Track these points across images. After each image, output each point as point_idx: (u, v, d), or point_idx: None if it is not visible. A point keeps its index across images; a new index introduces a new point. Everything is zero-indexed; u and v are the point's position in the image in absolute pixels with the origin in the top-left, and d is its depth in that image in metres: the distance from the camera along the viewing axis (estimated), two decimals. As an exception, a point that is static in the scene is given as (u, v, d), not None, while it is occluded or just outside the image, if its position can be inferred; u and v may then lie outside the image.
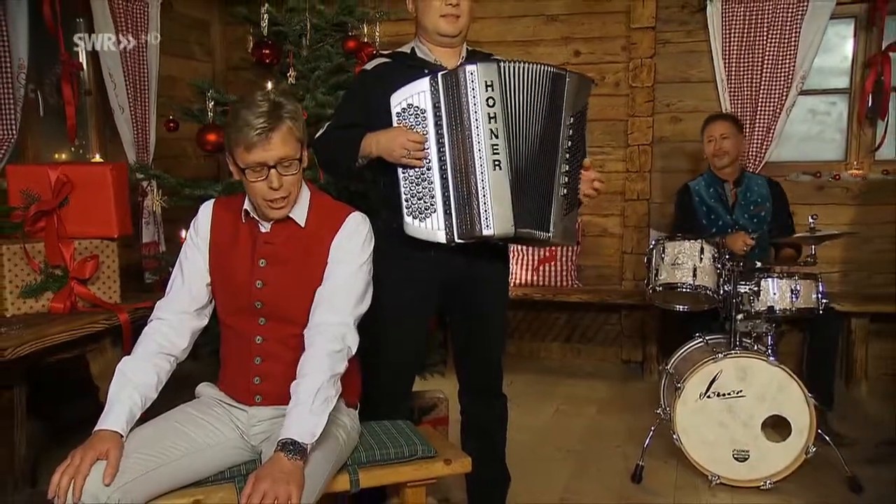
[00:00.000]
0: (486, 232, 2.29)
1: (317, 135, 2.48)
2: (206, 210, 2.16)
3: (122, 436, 1.87)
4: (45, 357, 2.75)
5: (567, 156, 2.37)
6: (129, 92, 4.10)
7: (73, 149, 3.99)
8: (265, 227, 2.09)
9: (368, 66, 2.50)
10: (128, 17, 4.07)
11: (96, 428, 1.88)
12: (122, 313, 2.88)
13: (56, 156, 3.95)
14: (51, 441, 3.54)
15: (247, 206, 2.10)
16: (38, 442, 3.40)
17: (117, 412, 1.91)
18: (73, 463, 1.79)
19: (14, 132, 3.45)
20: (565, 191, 2.37)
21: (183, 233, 2.26)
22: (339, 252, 2.07)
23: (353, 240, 2.08)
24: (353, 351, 2.05)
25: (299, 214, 2.09)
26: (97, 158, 4.00)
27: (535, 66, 2.33)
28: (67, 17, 3.78)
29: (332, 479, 2.02)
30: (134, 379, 1.98)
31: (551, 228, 2.36)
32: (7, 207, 2.91)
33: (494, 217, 2.29)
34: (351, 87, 2.61)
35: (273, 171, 1.98)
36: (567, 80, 2.34)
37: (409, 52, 2.50)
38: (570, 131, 2.36)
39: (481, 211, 2.29)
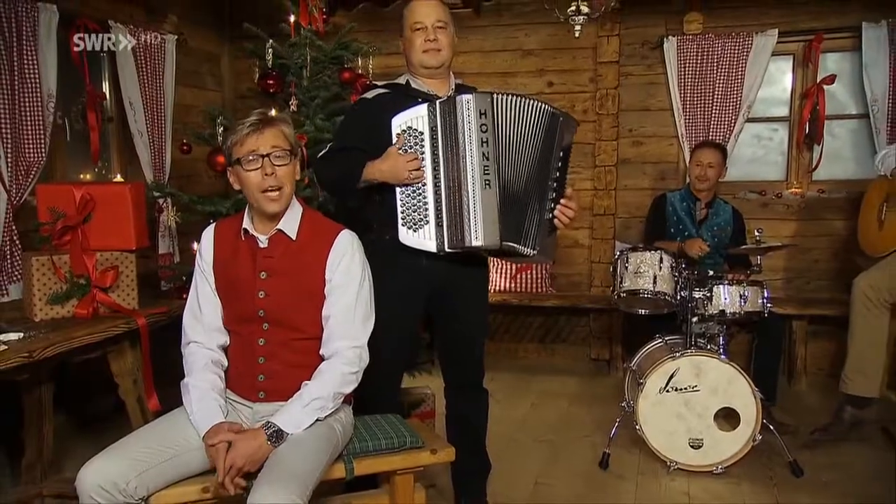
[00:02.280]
0: (474, 243, 2.31)
1: (319, 154, 2.49)
2: (207, 235, 2.16)
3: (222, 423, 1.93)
4: (71, 357, 2.72)
5: (555, 185, 2.39)
6: (147, 118, 4.07)
7: (96, 170, 3.96)
8: (263, 243, 2.08)
9: (369, 96, 2.50)
10: (146, 52, 4.05)
11: (202, 435, 1.91)
12: (140, 318, 2.85)
13: (81, 176, 3.92)
14: (75, 433, 3.51)
15: (245, 224, 2.09)
16: (64, 433, 3.38)
17: (210, 410, 1.96)
18: (218, 458, 1.84)
19: (43, 155, 3.42)
20: (550, 215, 2.40)
21: (195, 244, 2.25)
22: (337, 275, 2.06)
23: (347, 261, 2.08)
24: (366, 364, 2.09)
25: (291, 228, 2.08)
26: (118, 178, 3.97)
27: (530, 102, 2.34)
28: (92, 53, 3.76)
29: (330, 467, 2.01)
30: (205, 386, 2.01)
31: (536, 246, 2.39)
32: (37, 223, 2.90)
33: (483, 230, 2.30)
34: (351, 112, 2.61)
35: (266, 159, 1.98)
36: (560, 119, 2.36)
37: (404, 83, 2.51)
38: (559, 164, 2.39)
39: (471, 224, 2.30)
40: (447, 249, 2.33)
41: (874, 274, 3.25)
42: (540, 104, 2.35)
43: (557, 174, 2.38)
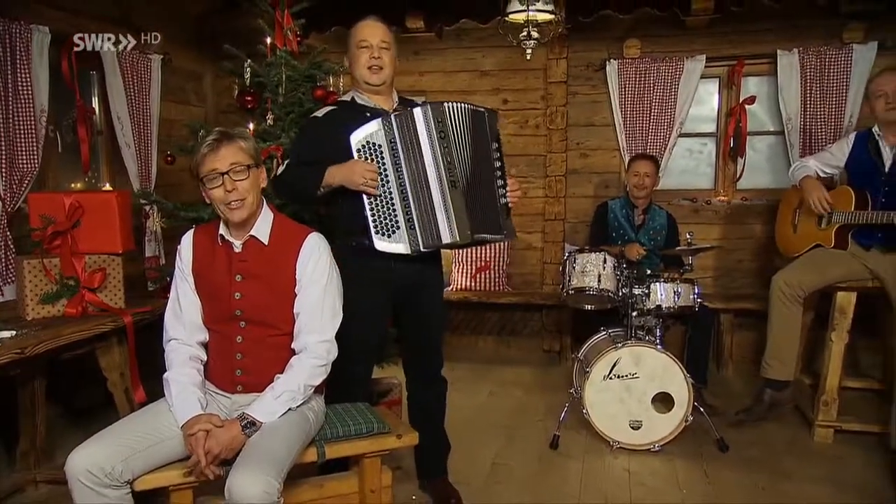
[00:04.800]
0: (449, 240, 2.32)
1: (278, 172, 2.43)
2: (186, 240, 2.13)
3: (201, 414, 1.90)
4: (61, 353, 2.67)
5: (499, 173, 2.40)
6: (134, 132, 3.99)
7: (86, 179, 3.86)
8: (237, 248, 2.06)
9: (319, 114, 2.47)
10: (134, 71, 3.97)
11: (181, 425, 1.89)
12: (127, 316, 2.80)
13: (72, 185, 3.81)
14: (67, 423, 3.43)
15: (221, 230, 2.07)
16: (57, 424, 3.30)
17: (189, 403, 1.92)
18: (197, 445, 1.83)
19: (36, 166, 3.33)
20: (504, 200, 2.42)
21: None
22: (307, 274, 2.05)
23: (315, 260, 2.06)
24: (334, 357, 2.07)
25: (263, 233, 2.06)
26: (107, 187, 3.89)
27: (467, 106, 2.35)
28: (82, 71, 3.67)
29: (303, 452, 2.00)
30: (184, 380, 1.98)
31: (503, 231, 2.42)
32: (29, 228, 2.83)
33: (456, 227, 2.31)
34: (304, 131, 2.54)
35: (226, 176, 1.95)
36: (486, 114, 2.39)
37: (349, 100, 2.48)
38: (497, 154, 2.40)
39: (443, 223, 2.31)
40: (422, 249, 2.33)
41: (788, 272, 3.32)
42: (472, 106, 2.36)
43: (499, 163, 2.41)
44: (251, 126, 3.02)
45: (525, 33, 3.57)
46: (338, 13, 4.04)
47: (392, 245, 2.33)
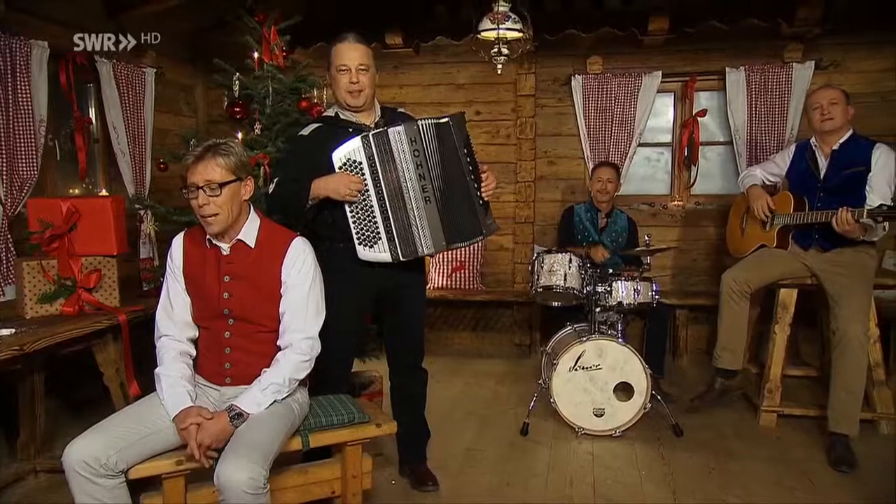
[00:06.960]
0: (426, 252, 2.32)
1: (269, 190, 2.41)
2: (177, 242, 2.11)
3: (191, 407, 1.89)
4: (59, 350, 2.64)
5: (472, 176, 2.37)
6: (129, 141, 3.93)
7: (84, 185, 3.80)
8: (225, 251, 2.04)
9: (305, 132, 2.44)
10: (129, 84, 3.92)
11: (172, 417, 1.88)
12: (121, 315, 2.76)
13: (70, 191, 3.76)
14: (66, 416, 3.38)
15: (209, 234, 2.05)
16: (56, 416, 3.26)
17: (179, 397, 1.90)
18: (189, 438, 1.82)
19: (35, 173, 3.27)
20: (481, 200, 2.40)
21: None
22: (292, 276, 2.04)
23: (300, 263, 2.06)
24: (317, 353, 2.06)
25: (249, 237, 2.05)
26: (103, 193, 3.84)
27: (433, 121, 2.32)
28: (79, 83, 3.62)
29: (288, 441, 2.00)
30: (174, 375, 1.96)
31: (483, 231, 2.40)
32: (28, 232, 2.79)
33: (431, 240, 2.32)
34: (293, 149, 2.51)
35: (200, 191, 1.93)
36: (452, 124, 2.33)
37: (333, 115, 2.46)
38: (468, 158, 2.37)
39: (420, 236, 2.30)
40: (402, 259, 2.33)
41: (736, 270, 3.36)
42: (436, 120, 2.32)
43: (470, 167, 2.37)
44: (240, 135, 3.00)
45: (496, 50, 3.60)
46: (321, 30, 4.03)
47: (374, 254, 2.32)
